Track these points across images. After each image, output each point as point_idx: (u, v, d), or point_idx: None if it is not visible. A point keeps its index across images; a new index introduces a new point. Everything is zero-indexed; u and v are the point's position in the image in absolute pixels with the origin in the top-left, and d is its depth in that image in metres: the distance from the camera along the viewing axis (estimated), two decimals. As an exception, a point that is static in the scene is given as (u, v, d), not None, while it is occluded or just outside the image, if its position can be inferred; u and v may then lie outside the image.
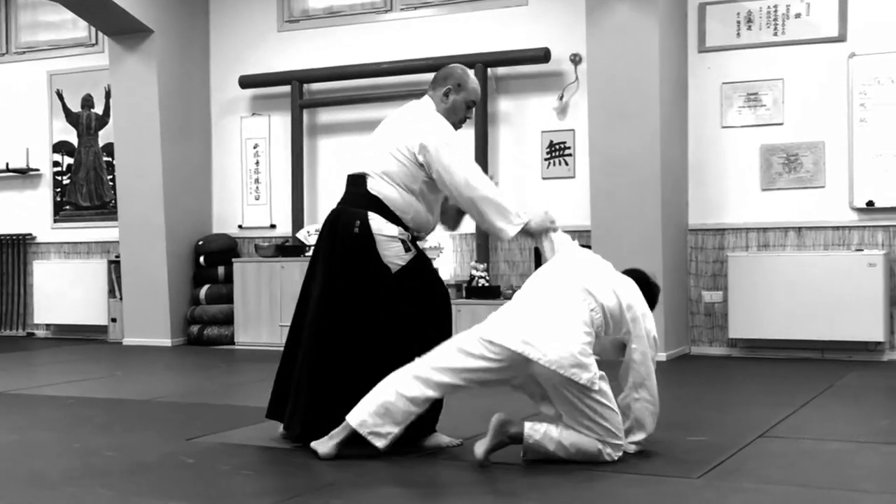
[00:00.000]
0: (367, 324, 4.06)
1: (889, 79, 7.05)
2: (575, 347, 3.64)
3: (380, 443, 3.84)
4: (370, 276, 4.06)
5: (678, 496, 3.34)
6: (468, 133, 8.15)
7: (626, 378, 3.87)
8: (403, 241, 4.11)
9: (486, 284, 7.91)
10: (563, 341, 3.65)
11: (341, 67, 8.62)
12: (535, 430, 3.73)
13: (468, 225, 8.23)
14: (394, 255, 4.09)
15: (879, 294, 6.88)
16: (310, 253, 8.44)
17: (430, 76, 8.19)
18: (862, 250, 7.08)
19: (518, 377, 3.76)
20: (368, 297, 4.06)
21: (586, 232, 7.62)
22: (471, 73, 4.35)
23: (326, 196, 8.86)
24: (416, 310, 4.09)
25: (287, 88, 8.79)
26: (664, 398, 3.95)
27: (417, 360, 3.86)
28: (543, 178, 8.03)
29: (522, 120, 8.13)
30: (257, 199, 9.13)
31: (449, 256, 8.35)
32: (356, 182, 4.18)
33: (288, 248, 8.62)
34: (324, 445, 3.94)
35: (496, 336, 3.74)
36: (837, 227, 7.24)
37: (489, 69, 8.11)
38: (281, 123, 8.98)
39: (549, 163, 8.02)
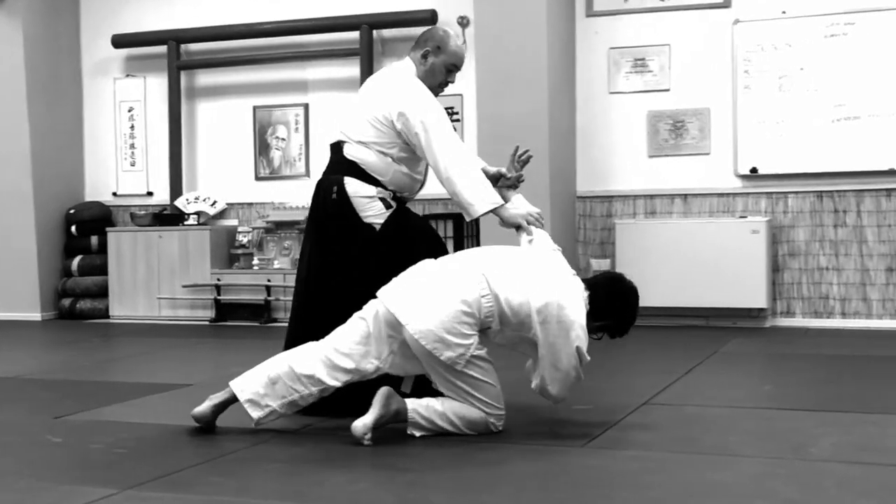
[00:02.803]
0: (355, 286, 3.93)
1: (772, 45, 7.12)
2: (445, 324, 3.53)
3: (255, 413, 3.71)
4: (354, 237, 4.00)
5: (562, 465, 3.30)
6: (352, 97, 7.95)
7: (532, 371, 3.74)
8: (383, 199, 4.04)
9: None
10: (435, 314, 3.55)
11: (221, 27, 8.35)
12: (419, 405, 3.63)
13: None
14: (374, 213, 4.02)
15: (762, 261, 6.98)
16: (189, 221, 8.24)
17: (314, 37, 8.19)
18: (746, 217, 7.16)
19: (396, 346, 3.63)
20: (354, 257, 3.97)
21: (474, 199, 7.52)
22: (453, 35, 4.19)
23: (206, 162, 8.61)
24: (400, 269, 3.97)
25: (163, 48, 8.48)
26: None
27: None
28: (430, 145, 7.89)
29: (409, 84, 7.97)
30: (133, 165, 8.80)
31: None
32: (334, 150, 4.13)
33: (166, 217, 8.38)
34: (200, 406, 3.83)
35: (381, 293, 3.67)
36: (722, 195, 7.32)
37: (375, 31, 7.96)
38: (157, 85, 8.66)
39: (437, 128, 7.87)
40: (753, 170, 7.20)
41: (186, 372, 5.54)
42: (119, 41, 8.60)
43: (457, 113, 7.82)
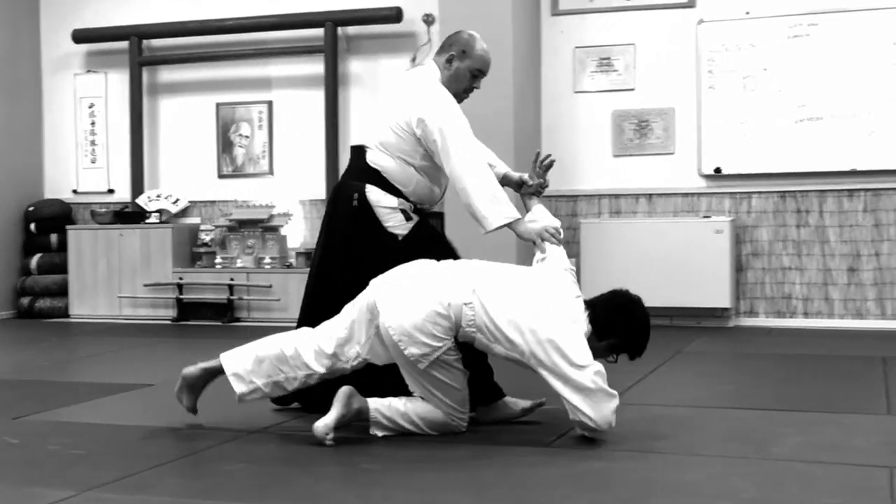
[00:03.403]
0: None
1: (736, 45, 7.16)
2: (417, 321, 3.48)
3: (239, 388, 3.70)
4: (375, 245, 3.92)
5: (526, 465, 3.29)
6: (318, 95, 7.94)
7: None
8: (404, 212, 3.95)
9: (337, 251, 7.71)
10: (411, 310, 3.51)
11: (184, 23, 8.26)
12: (381, 405, 3.60)
13: (318, 190, 8.07)
14: (395, 224, 3.94)
15: (726, 260, 7.00)
16: (150, 219, 8.15)
17: (278, 34, 8.13)
18: (709, 217, 7.19)
19: (373, 332, 3.60)
20: (371, 263, 3.84)
21: (439, 198, 7.50)
22: (479, 38, 4.06)
23: (168, 159, 8.52)
24: None
25: (125, 44, 8.37)
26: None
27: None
28: (395, 143, 7.86)
29: (374, 81, 7.95)
30: (93, 162, 8.68)
31: (299, 223, 8.12)
32: (357, 154, 4.04)
33: (127, 215, 8.26)
34: (190, 367, 3.85)
35: (374, 281, 3.65)
36: (686, 194, 7.34)
37: (339, 28, 7.90)
38: (118, 81, 8.55)
39: (402, 127, 7.84)
40: (717, 170, 7.23)
41: (147, 372, 5.46)
42: (80, 36, 8.48)
43: (422, 111, 7.78)
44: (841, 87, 6.96)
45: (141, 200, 8.29)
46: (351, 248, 3.98)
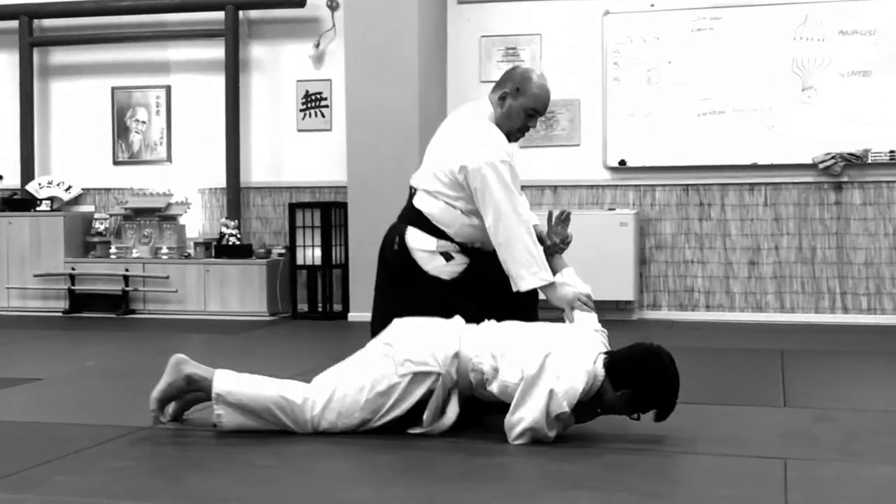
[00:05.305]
0: None
1: (641, 38, 7.18)
2: (424, 338, 3.40)
3: (220, 416, 3.44)
4: (420, 289, 3.82)
5: (424, 459, 3.23)
6: (218, 80, 7.73)
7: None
8: (444, 254, 3.83)
9: (238, 243, 7.54)
10: (422, 330, 3.45)
11: (78, 2, 8.01)
12: (228, 381, 3.40)
13: (218, 178, 7.86)
14: (435, 268, 3.83)
15: (630, 253, 7.03)
16: (41, 207, 7.86)
17: (177, 16, 7.90)
18: (614, 209, 7.21)
19: None
20: (416, 310, 3.67)
21: (343, 188, 7.39)
22: (537, 75, 3.91)
23: (60, 145, 8.24)
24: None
25: (14, 23, 8.08)
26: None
27: None
28: (299, 131, 7.74)
29: (276, 68, 7.79)
30: (-20, 146, 8.35)
31: (197, 213, 7.92)
32: (410, 194, 3.99)
33: (16, 202, 8.03)
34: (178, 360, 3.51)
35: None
36: (591, 186, 7.35)
37: (241, 11, 7.73)
38: (7, 62, 8.24)
39: (305, 114, 7.71)
40: (622, 162, 7.25)
41: (36, 366, 5.30)
42: (-35, 15, 8.15)
43: (325, 98, 7.66)
44: (743, 82, 7.04)
45: (31, 187, 8.01)
46: (395, 292, 3.92)
